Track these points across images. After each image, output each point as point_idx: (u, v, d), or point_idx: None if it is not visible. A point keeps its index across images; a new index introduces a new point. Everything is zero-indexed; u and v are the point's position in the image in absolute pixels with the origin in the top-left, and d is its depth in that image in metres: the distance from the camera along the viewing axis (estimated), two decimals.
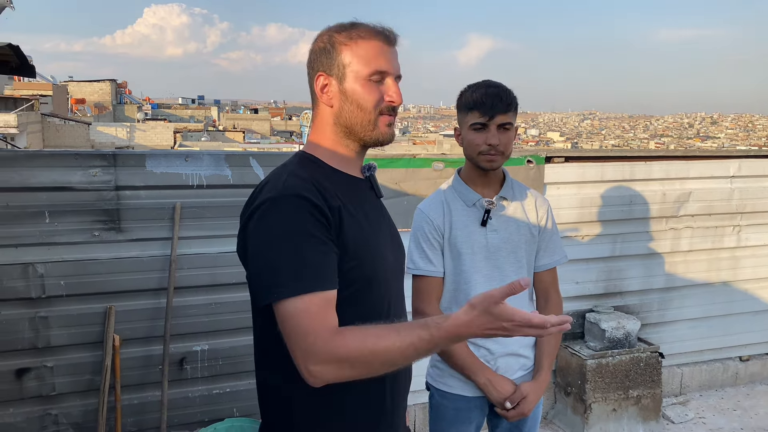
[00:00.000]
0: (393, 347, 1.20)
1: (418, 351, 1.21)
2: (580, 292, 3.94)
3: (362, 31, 1.39)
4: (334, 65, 1.38)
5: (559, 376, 3.91)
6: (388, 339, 1.20)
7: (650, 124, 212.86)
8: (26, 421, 2.98)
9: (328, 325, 1.22)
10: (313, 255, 1.25)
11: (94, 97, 43.76)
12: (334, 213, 1.30)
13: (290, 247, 1.24)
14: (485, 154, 1.98)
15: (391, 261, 1.46)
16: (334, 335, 1.21)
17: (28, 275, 2.88)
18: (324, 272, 1.26)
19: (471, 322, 1.19)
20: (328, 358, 1.20)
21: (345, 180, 1.42)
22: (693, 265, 4.19)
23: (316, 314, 1.22)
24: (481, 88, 1.99)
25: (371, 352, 1.20)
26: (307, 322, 1.21)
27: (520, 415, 2.05)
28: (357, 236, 1.34)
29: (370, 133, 1.40)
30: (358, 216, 1.38)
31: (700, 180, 4.11)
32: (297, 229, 1.25)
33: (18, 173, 2.82)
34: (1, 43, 2.44)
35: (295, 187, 1.29)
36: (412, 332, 1.20)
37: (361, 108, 1.38)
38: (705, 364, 4.37)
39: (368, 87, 1.37)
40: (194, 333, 3.17)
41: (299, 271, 1.23)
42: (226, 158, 3.13)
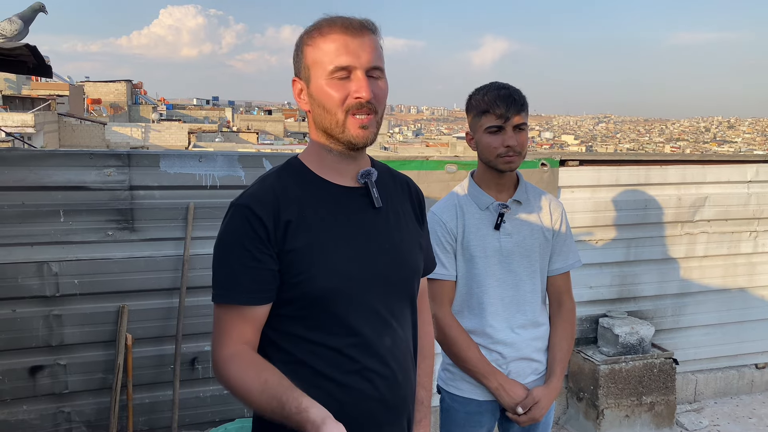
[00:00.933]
0: (252, 402, 1.26)
1: (272, 417, 1.22)
2: (594, 296, 3.91)
3: (323, 26, 1.31)
4: (302, 68, 1.34)
5: (572, 381, 3.88)
6: (251, 393, 1.24)
7: (666, 128, 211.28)
8: (39, 418, 3.00)
9: (231, 342, 1.30)
10: (238, 269, 1.29)
11: (110, 97, 44.16)
12: (279, 226, 1.29)
13: (223, 256, 1.31)
14: (503, 156, 1.97)
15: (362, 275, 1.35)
16: (228, 358, 1.29)
17: (42, 274, 2.91)
18: (244, 287, 1.29)
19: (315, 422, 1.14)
20: (218, 374, 1.32)
21: (322, 188, 1.36)
22: (708, 271, 4.15)
23: (227, 328, 1.31)
24: (492, 91, 1.98)
25: (237, 393, 1.28)
26: (218, 332, 1.33)
27: (531, 420, 2.03)
28: (306, 249, 1.29)
29: (342, 136, 1.31)
30: (318, 227, 1.32)
31: (716, 185, 4.06)
32: (232, 240, 1.30)
33: (33, 172, 2.85)
34: (19, 44, 2.47)
35: (249, 195, 1.33)
36: (270, 403, 1.21)
37: (326, 109, 1.30)
38: (720, 371, 4.32)
39: (331, 86, 1.29)
40: (206, 333, 3.17)
41: (224, 281, 1.31)
42: (240, 159, 3.14)
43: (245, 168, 3.14)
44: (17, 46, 2.46)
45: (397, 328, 1.42)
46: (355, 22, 1.31)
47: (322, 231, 1.32)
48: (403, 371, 1.43)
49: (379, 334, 1.37)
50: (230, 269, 1.30)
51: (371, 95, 1.29)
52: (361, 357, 1.34)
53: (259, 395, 1.23)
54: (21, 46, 2.45)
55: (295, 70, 1.37)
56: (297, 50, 1.35)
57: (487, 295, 2.05)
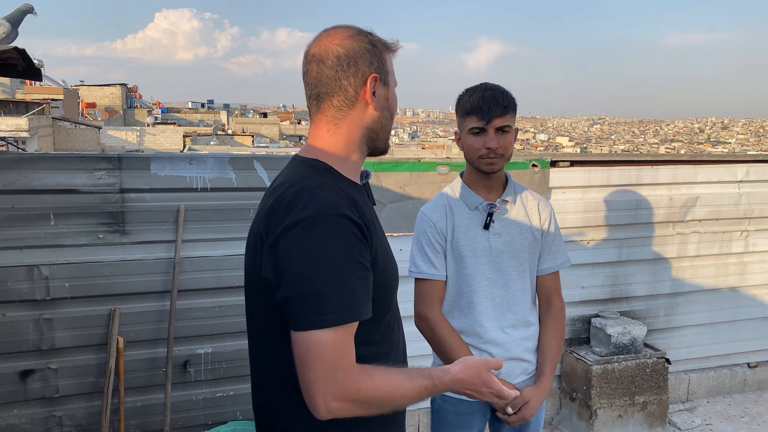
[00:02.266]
0: (405, 394, 1.26)
1: (421, 397, 1.30)
2: (586, 297, 3.92)
3: (389, 42, 1.42)
4: (384, 69, 1.37)
5: (565, 382, 3.88)
6: (404, 387, 1.27)
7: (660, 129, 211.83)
8: (30, 422, 2.99)
9: (353, 360, 1.21)
10: (355, 283, 1.20)
11: (105, 101, 44.08)
12: (370, 230, 1.27)
13: (335, 274, 1.18)
14: (485, 158, 1.98)
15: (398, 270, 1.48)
16: (361, 374, 1.21)
17: (33, 277, 2.90)
18: (363, 302, 1.22)
19: (464, 380, 1.37)
20: (352, 397, 1.19)
21: (356, 189, 1.37)
22: (700, 271, 4.16)
23: (346, 349, 1.19)
24: (477, 92, 1.99)
25: (391, 396, 1.25)
26: (337, 356, 1.18)
27: (521, 420, 2.03)
28: (380, 249, 1.33)
29: (387, 142, 1.43)
30: (375, 227, 1.36)
31: (707, 185, 4.08)
32: (341, 254, 1.19)
33: (23, 175, 2.84)
34: (7, 47, 2.46)
35: (337, 204, 1.22)
36: (420, 382, 1.29)
37: (392, 116, 1.42)
38: (712, 370, 4.33)
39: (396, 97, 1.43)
40: (198, 336, 3.17)
41: (342, 301, 1.18)
42: (230, 161, 3.14)
43: (236, 170, 3.14)
44: (6, 49, 2.45)
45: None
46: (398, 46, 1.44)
47: (377, 229, 1.38)
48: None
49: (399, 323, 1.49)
50: (345, 286, 1.19)
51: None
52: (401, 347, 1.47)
53: (410, 382, 1.27)
54: (10, 49, 2.45)
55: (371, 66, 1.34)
56: (375, 50, 1.35)
57: (477, 295, 2.05)
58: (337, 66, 1.32)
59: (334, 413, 1.19)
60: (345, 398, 1.18)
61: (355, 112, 1.35)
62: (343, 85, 1.33)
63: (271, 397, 1.36)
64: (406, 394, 1.27)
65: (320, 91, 1.35)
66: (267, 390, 1.37)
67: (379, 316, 1.31)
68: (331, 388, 1.17)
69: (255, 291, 1.32)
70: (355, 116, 1.35)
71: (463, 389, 1.38)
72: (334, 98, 1.34)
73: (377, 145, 1.41)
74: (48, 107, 28.34)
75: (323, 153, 1.35)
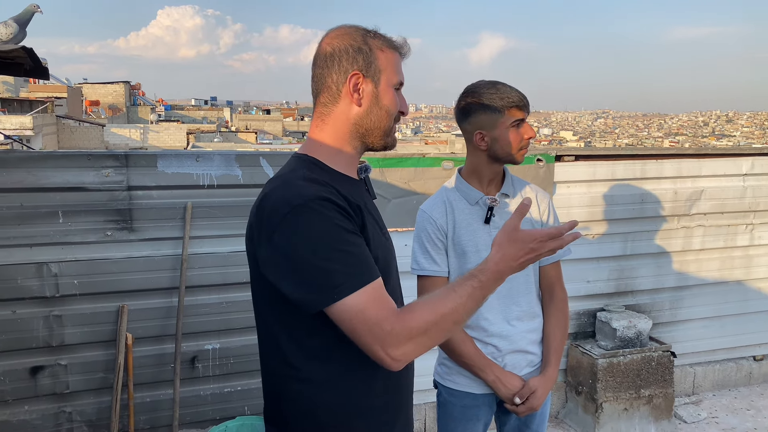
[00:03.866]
0: (457, 305, 1.26)
1: (476, 300, 1.29)
2: (591, 291, 3.93)
3: (391, 41, 1.44)
4: (371, 67, 1.40)
5: (570, 375, 3.90)
6: (450, 300, 1.26)
7: (665, 123, 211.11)
8: (41, 418, 3.02)
9: (393, 308, 1.26)
10: (355, 249, 1.27)
11: (108, 98, 44.14)
12: (357, 212, 1.33)
13: (334, 247, 1.24)
14: (523, 149, 2.04)
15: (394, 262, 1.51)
16: (403, 314, 1.25)
17: (42, 274, 2.92)
18: (369, 263, 1.28)
19: (505, 255, 1.31)
20: (407, 336, 1.23)
21: (348, 182, 1.42)
22: (705, 264, 4.17)
23: (380, 302, 1.25)
24: (505, 87, 1.99)
25: (442, 315, 1.25)
26: (375, 311, 1.23)
27: (529, 410, 2.05)
28: (374, 238, 1.38)
29: (384, 139, 1.44)
30: (372, 217, 1.43)
31: (712, 178, 4.08)
32: (333, 228, 1.25)
33: (32, 174, 2.86)
34: (15, 46, 2.48)
35: (319, 191, 1.28)
36: (465, 286, 1.28)
37: (388, 114, 1.42)
38: (718, 363, 4.34)
39: (395, 95, 1.43)
40: (206, 332, 3.20)
41: (350, 267, 1.24)
42: (237, 158, 3.16)
43: (242, 167, 3.16)
44: (14, 49, 2.47)
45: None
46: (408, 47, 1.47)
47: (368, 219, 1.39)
48: None
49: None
50: (347, 255, 1.25)
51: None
52: None
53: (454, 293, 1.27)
54: (18, 48, 2.47)
55: (354, 64, 1.38)
56: (362, 48, 1.39)
57: None
58: (323, 64, 1.41)
59: (401, 359, 1.25)
60: (401, 342, 1.23)
61: (339, 108, 1.41)
62: (327, 82, 1.40)
63: (277, 383, 1.41)
64: (458, 303, 1.26)
65: (314, 88, 1.44)
66: (274, 377, 1.42)
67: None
68: (385, 341, 1.23)
69: (256, 284, 1.39)
70: (339, 112, 1.41)
71: (513, 264, 1.32)
72: (322, 95, 1.43)
73: (371, 141, 1.44)
74: (52, 105, 28.41)
75: (314, 147, 1.43)
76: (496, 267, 1.31)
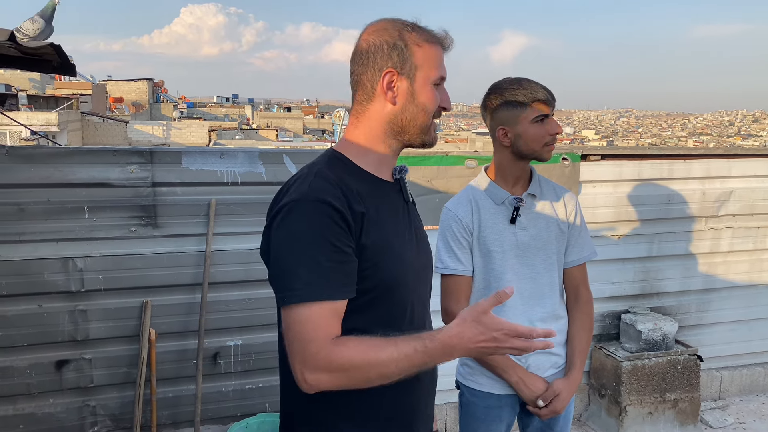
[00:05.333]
0: (390, 359, 1.21)
1: (413, 362, 1.22)
2: (616, 292, 3.87)
3: (431, 34, 1.39)
4: (407, 64, 1.36)
5: (594, 378, 3.85)
6: (386, 352, 1.21)
7: (689, 122, 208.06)
8: (65, 411, 3.06)
9: (330, 335, 1.23)
10: (327, 263, 1.24)
11: (132, 96, 44.69)
12: (356, 218, 1.28)
13: (307, 253, 1.24)
14: (549, 145, 1.99)
15: (416, 266, 1.44)
16: (335, 344, 1.22)
17: (68, 269, 2.95)
18: (336, 282, 1.25)
19: (462, 332, 1.21)
20: (326, 367, 1.21)
21: (371, 181, 1.39)
22: (734, 266, 4.08)
23: (321, 323, 1.23)
24: (530, 82, 1.96)
25: (368, 362, 1.21)
26: (310, 329, 1.22)
27: (552, 413, 2.02)
28: (378, 240, 1.32)
29: (423, 137, 1.40)
30: (381, 219, 1.35)
31: (741, 179, 3.99)
32: (315, 235, 1.24)
33: (59, 170, 2.89)
34: (43, 43, 2.50)
35: (320, 190, 1.27)
36: (408, 345, 1.22)
37: (426, 111, 1.38)
38: (745, 368, 4.26)
39: (433, 91, 1.38)
40: (228, 328, 3.21)
41: (312, 278, 1.23)
42: (260, 156, 3.16)
43: (266, 164, 3.16)
44: (42, 45, 2.50)
45: (427, 317, 1.52)
46: (450, 40, 1.42)
47: (384, 223, 1.36)
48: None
49: (424, 321, 1.48)
50: (316, 265, 1.23)
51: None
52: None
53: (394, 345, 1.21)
54: (46, 45, 2.49)
55: (388, 61, 1.36)
56: (398, 44, 1.35)
57: None
58: (359, 62, 1.38)
59: (313, 385, 1.23)
60: (318, 369, 1.21)
61: (374, 107, 1.38)
62: (362, 80, 1.38)
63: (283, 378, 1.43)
64: (393, 358, 1.20)
65: (352, 86, 1.43)
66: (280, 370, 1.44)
67: (373, 309, 1.33)
68: (306, 361, 1.22)
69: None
70: (374, 111, 1.38)
71: (469, 345, 1.22)
72: (358, 93, 1.40)
73: (408, 138, 1.41)
74: (77, 102, 28.83)
75: (345, 145, 1.41)
76: (449, 341, 1.22)
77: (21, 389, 2.98)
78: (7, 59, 2.93)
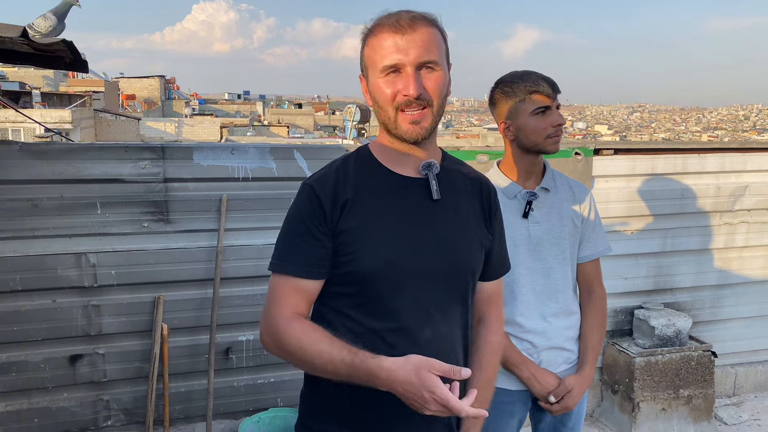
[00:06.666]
0: (318, 357, 1.27)
1: (337, 372, 1.27)
2: (629, 288, 3.84)
3: (375, 26, 1.36)
4: (363, 66, 1.41)
5: (606, 374, 3.82)
6: (317, 346, 1.28)
7: (703, 117, 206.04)
8: (79, 405, 3.08)
9: (288, 309, 1.35)
10: (298, 241, 1.37)
11: (144, 92, 44.93)
12: (336, 206, 1.36)
13: (286, 230, 1.41)
14: (552, 137, 1.95)
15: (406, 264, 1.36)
16: (289, 321, 1.33)
17: (81, 264, 2.97)
18: (300, 260, 1.36)
19: (395, 373, 1.19)
20: (273, 335, 1.34)
21: (383, 176, 1.42)
22: (749, 262, 4.04)
23: (283, 296, 1.37)
24: (532, 74, 1.95)
25: (300, 350, 1.30)
26: (274, 298, 1.37)
27: (564, 409, 2.01)
28: (358, 231, 1.35)
29: (395, 131, 1.38)
30: (371, 210, 1.37)
31: (757, 173, 3.94)
32: (296, 216, 1.40)
33: (72, 165, 2.91)
34: (55, 39, 2.52)
35: (316, 177, 1.41)
36: (341, 352, 1.26)
37: (380, 106, 1.38)
38: (760, 364, 4.21)
39: (384, 83, 1.34)
40: (240, 323, 3.22)
41: (285, 250, 1.39)
42: (271, 151, 3.16)
43: (277, 160, 3.16)
44: (54, 42, 2.51)
45: (440, 323, 1.41)
46: (405, 19, 1.32)
47: (373, 215, 1.37)
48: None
49: (420, 325, 1.39)
50: (290, 242, 1.39)
51: (418, 91, 1.32)
52: (399, 344, 1.35)
53: (329, 345, 1.27)
54: (58, 41, 2.50)
55: (361, 69, 1.43)
56: (360, 48, 1.41)
57: (518, 284, 2.02)
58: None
59: (265, 345, 1.38)
60: (267, 333, 1.36)
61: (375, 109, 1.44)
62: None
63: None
64: (319, 356, 1.27)
65: None
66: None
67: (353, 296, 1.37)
68: (264, 321, 1.38)
69: None
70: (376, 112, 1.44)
71: (395, 386, 1.19)
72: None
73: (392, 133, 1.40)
74: (90, 99, 29.02)
75: (375, 141, 1.49)
76: (378, 371, 1.20)
77: (36, 383, 3.01)
78: (20, 56, 2.95)
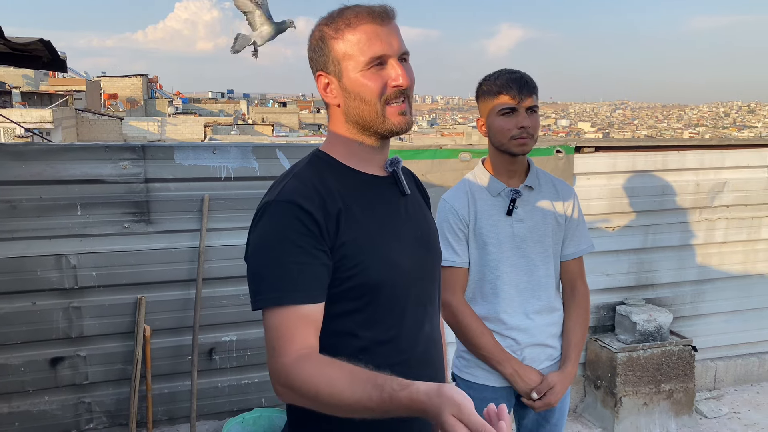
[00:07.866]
0: (342, 398, 1.10)
1: (371, 410, 1.08)
2: (611, 284, 3.88)
3: (349, 17, 1.27)
4: (329, 62, 1.29)
5: (589, 370, 3.86)
6: (338, 387, 1.10)
7: (684, 114, 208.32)
8: (61, 408, 3.05)
9: (295, 347, 1.17)
10: (292, 266, 1.19)
11: (126, 92, 44.49)
12: (330, 217, 1.23)
13: (272, 256, 1.20)
14: (517, 138, 1.95)
15: (410, 264, 1.35)
16: (296, 361, 1.16)
17: (61, 266, 2.95)
18: (302, 286, 1.20)
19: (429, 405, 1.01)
20: (285, 383, 1.17)
21: (354, 177, 1.33)
22: (728, 257, 4.09)
23: (286, 332, 1.18)
24: (504, 74, 1.97)
25: (317, 393, 1.12)
26: (276, 338, 1.19)
27: (546, 406, 2.03)
28: (358, 238, 1.27)
29: (382, 126, 1.29)
30: (363, 217, 1.29)
31: (735, 169, 4.00)
32: (281, 238, 1.20)
33: (51, 166, 2.88)
34: (33, 38, 2.49)
35: (291, 191, 1.24)
36: (365, 389, 1.08)
37: (365, 101, 1.27)
38: (740, 358, 4.27)
39: (369, 76, 1.26)
40: (223, 324, 3.21)
41: (276, 280, 1.20)
42: (253, 150, 3.15)
43: (259, 159, 3.15)
44: (31, 41, 2.48)
45: (433, 315, 1.44)
46: (380, 10, 1.27)
47: (367, 221, 1.29)
48: (439, 357, 1.46)
49: (422, 321, 1.39)
50: (283, 269, 1.19)
51: (411, 81, 1.29)
52: (407, 346, 1.34)
53: (350, 385, 1.10)
54: (35, 40, 2.47)
55: (317, 64, 1.32)
56: (319, 44, 1.30)
57: (501, 281, 2.04)
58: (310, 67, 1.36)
59: (283, 398, 1.21)
60: (281, 383, 1.18)
61: (331, 110, 1.35)
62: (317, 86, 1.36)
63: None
64: (343, 397, 1.09)
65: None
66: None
67: (361, 312, 1.28)
68: (273, 372, 1.19)
69: None
70: (331, 112, 1.35)
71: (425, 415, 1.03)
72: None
73: (375, 131, 1.31)
74: (71, 99, 28.70)
75: (328, 143, 1.38)
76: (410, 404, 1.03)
77: (16, 387, 2.98)
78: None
